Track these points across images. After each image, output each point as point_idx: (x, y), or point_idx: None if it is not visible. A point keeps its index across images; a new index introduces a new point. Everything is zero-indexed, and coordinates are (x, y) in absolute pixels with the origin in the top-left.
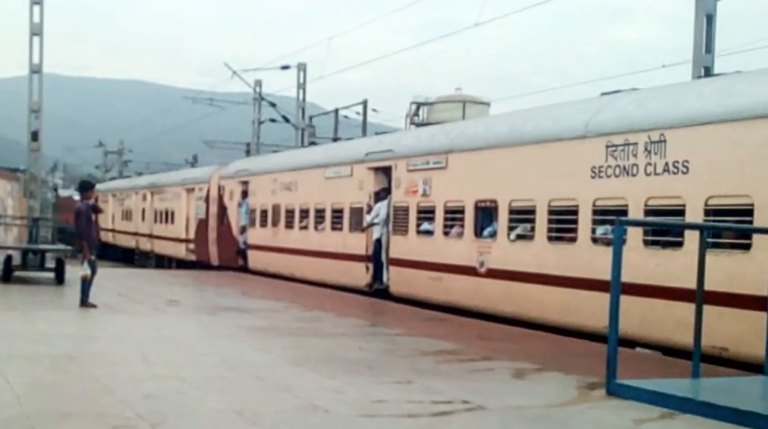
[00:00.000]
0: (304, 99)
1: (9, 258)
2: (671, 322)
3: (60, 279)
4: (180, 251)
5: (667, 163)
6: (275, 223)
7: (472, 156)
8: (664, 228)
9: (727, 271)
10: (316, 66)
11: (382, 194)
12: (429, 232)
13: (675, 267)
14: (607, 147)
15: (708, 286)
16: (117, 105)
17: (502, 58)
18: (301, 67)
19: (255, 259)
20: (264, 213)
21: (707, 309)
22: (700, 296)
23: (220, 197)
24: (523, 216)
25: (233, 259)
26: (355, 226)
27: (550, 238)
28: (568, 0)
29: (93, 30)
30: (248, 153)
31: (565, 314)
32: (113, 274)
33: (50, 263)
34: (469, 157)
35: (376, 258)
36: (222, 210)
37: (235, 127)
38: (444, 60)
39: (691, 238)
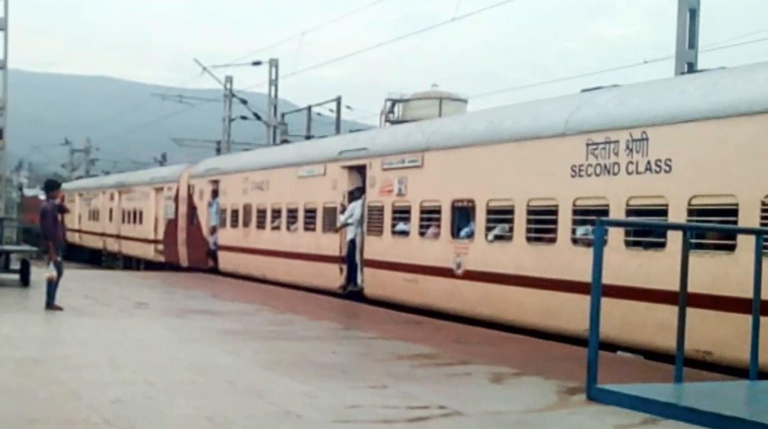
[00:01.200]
0: (276, 96)
1: None
2: (653, 325)
3: (25, 281)
4: (148, 252)
5: (649, 162)
6: (246, 224)
7: (449, 154)
8: (646, 228)
9: (711, 272)
10: (288, 62)
11: (357, 194)
12: (404, 233)
13: (657, 268)
14: (588, 145)
15: (691, 288)
16: (84, 102)
17: (479, 54)
18: (273, 63)
19: (226, 260)
20: (235, 213)
21: (690, 311)
22: (683, 298)
23: (190, 197)
24: (501, 216)
25: (203, 261)
26: (328, 226)
27: (528, 239)
28: None
29: (59, 25)
30: (219, 151)
31: (545, 317)
32: (80, 276)
33: (15, 265)
34: (445, 155)
35: (350, 259)
36: (192, 210)
37: (205, 124)
38: (420, 56)
39: (674, 238)
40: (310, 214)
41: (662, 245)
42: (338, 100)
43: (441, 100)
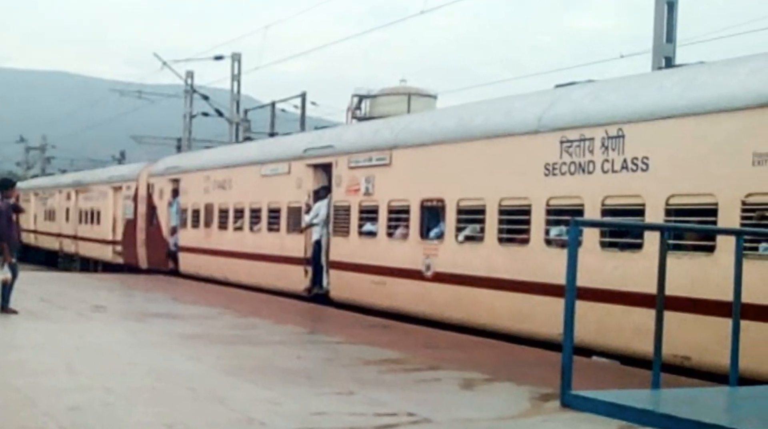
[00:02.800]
0: (238, 91)
1: None
2: (630, 329)
3: None
4: (106, 253)
5: (625, 160)
6: (208, 224)
7: (418, 152)
8: (622, 229)
9: (689, 274)
10: (251, 56)
11: (322, 193)
12: (372, 234)
13: (634, 270)
14: (562, 143)
15: (669, 290)
16: (39, 98)
17: (450, 48)
18: (236, 58)
19: (186, 262)
20: (196, 213)
21: (668, 315)
22: (660, 301)
23: (149, 196)
24: (472, 216)
25: (163, 262)
26: (293, 226)
27: (500, 240)
28: None
29: (14, 19)
30: (179, 149)
31: (517, 321)
32: (35, 278)
33: None
34: (414, 153)
35: (315, 261)
36: (151, 210)
37: (165, 121)
38: (388, 50)
39: (651, 239)
40: (274, 214)
41: (639, 246)
42: (303, 96)
43: (410, 95)
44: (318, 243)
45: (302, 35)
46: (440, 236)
